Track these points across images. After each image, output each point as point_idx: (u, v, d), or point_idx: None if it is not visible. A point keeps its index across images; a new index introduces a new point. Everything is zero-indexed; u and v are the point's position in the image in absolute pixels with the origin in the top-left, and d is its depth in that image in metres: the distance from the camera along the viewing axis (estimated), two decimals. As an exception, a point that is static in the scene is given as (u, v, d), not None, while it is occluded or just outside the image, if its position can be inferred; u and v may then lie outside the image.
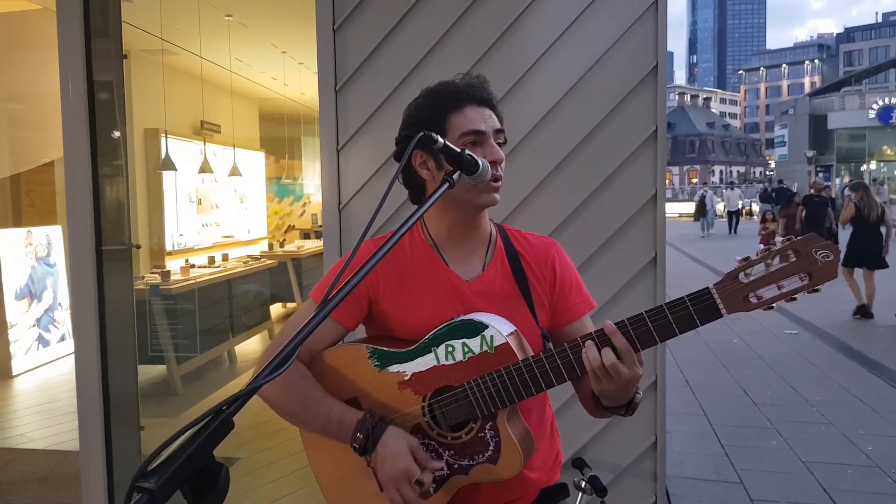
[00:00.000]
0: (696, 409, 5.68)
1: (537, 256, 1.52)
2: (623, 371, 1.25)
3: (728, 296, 1.22)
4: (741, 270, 1.22)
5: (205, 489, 0.89)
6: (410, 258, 1.48)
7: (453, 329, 1.35)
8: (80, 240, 3.11)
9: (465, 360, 1.34)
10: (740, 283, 1.22)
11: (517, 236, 1.55)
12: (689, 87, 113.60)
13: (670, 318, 1.24)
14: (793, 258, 1.19)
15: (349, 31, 2.83)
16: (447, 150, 1.30)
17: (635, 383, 1.29)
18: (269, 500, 3.81)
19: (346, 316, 1.46)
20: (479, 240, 1.50)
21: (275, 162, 11.37)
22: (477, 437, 1.35)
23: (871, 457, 4.63)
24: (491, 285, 1.46)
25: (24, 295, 6.96)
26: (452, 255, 1.48)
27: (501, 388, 1.31)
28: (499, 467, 1.33)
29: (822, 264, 1.17)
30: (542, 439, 1.51)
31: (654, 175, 2.75)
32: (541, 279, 1.50)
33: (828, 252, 1.17)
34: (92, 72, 3.11)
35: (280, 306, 9.36)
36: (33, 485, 4.09)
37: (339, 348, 1.46)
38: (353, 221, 2.88)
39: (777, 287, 1.21)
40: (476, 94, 1.45)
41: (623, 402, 1.35)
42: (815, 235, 1.19)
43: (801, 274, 1.18)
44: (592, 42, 2.75)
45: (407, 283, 1.46)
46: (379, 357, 1.40)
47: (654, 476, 2.83)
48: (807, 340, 8.25)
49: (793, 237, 1.20)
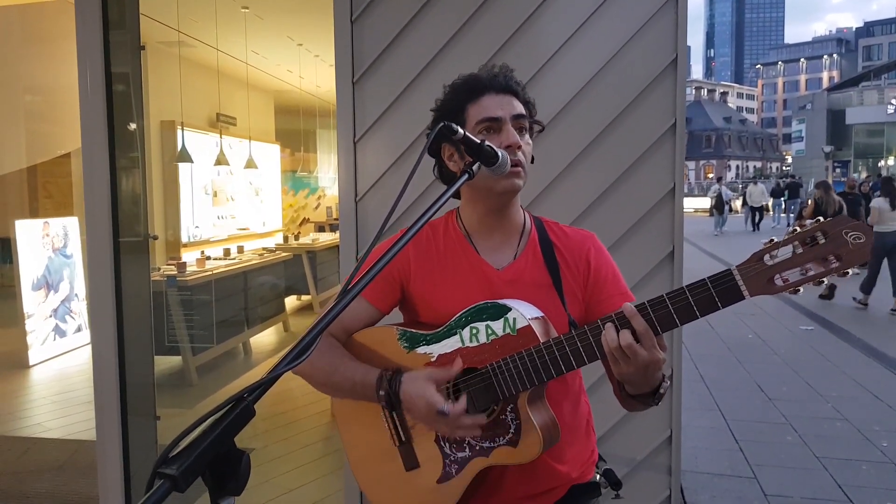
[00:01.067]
0: (710, 404, 5.66)
1: (572, 248, 1.51)
2: (641, 353, 1.22)
3: (751, 277, 1.18)
4: (766, 252, 1.18)
5: (226, 476, 0.90)
6: (444, 247, 1.52)
7: (478, 312, 1.36)
8: (98, 231, 3.13)
9: (488, 343, 1.35)
10: (765, 265, 1.17)
11: (553, 227, 1.55)
12: (706, 81, 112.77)
13: (691, 300, 1.21)
14: (822, 240, 1.14)
15: (367, 23, 2.83)
16: (467, 140, 1.30)
17: (656, 368, 1.26)
18: (283, 490, 3.84)
19: (378, 298, 1.51)
20: (511, 229, 1.51)
21: (290, 155, 11.40)
22: (499, 418, 1.36)
23: (886, 453, 4.60)
24: (521, 274, 1.46)
25: (41, 285, 7.03)
26: (484, 244, 1.50)
27: (522, 370, 1.31)
28: (519, 450, 1.33)
29: (853, 246, 1.12)
30: (576, 433, 1.51)
31: (673, 169, 2.73)
32: (574, 270, 1.49)
33: (859, 233, 1.12)
34: (110, 64, 3.12)
35: (295, 299, 9.40)
36: (50, 474, 4.14)
37: (370, 329, 1.52)
38: (369, 214, 2.88)
39: (804, 270, 1.16)
40: (495, 83, 1.46)
41: (647, 389, 1.32)
42: (846, 216, 1.14)
43: (831, 256, 1.13)
44: (612, 34, 2.73)
45: (438, 271, 1.50)
46: (408, 338, 1.44)
47: (668, 470, 2.82)
48: (822, 336, 8.19)
49: (821, 219, 1.15)
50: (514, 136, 1.42)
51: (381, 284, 1.50)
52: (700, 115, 74.89)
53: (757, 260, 1.18)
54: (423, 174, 2.68)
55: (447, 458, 1.41)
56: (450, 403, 1.32)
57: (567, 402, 1.49)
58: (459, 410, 1.31)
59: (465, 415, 1.32)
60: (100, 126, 3.09)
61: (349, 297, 1.04)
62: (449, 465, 1.41)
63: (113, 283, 3.16)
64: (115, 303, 3.16)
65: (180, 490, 0.83)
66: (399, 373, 1.39)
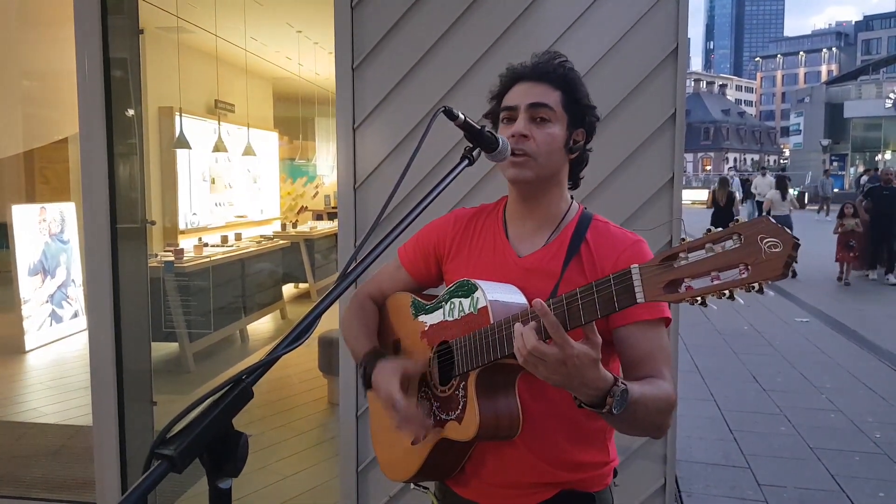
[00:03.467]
0: (705, 394, 5.69)
1: (605, 247, 1.43)
2: (550, 352, 1.12)
3: (651, 279, 1.04)
4: (678, 252, 1.01)
5: (224, 457, 0.90)
6: (481, 228, 1.55)
7: (457, 288, 1.39)
8: (95, 217, 3.12)
9: (459, 319, 1.38)
10: (670, 268, 1.02)
11: (598, 225, 1.48)
12: (705, 73, 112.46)
13: (595, 297, 1.11)
14: (736, 244, 0.95)
15: (367, 9, 2.81)
16: (467, 126, 1.30)
17: (578, 365, 1.12)
18: (280, 476, 3.85)
19: (413, 268, 1.61)
20: (545, 218, 1.48)
21: (288, 142, 11.36)
22: (454, 393, 1.38)
23: (879, 444, 4.63)
24: (540, 263, 1.43)
25: (38, 271, 7.02)
26: (517, 231, 1.51)
27: (471, 349, 1.32)
28: (461, 427, 1.34)
29: (766, 255, 0.92)
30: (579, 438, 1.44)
31: (672, 159, 2.73)
32: (596, 268, 1.40)
33: (777, 241, 0.91)
34: (108, 49, 3.10)
35: (292, 286, 9.40)
36: (46, 458, 4.15)
37: (396, 294, 1.61)
38: (368, 201, 2.87)
39: (712, 278, 0.97)
40: (529, 72, 1.46)
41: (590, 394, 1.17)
42: (769, 219, 0.94)
43: (741, 265, 0.94)
44: (613, 23, 2.72)
45: (467, 251, 1.54)
46: (415, 306, 1.52)
47: (663, 459, 2.84)
48: (818, 328, 8.22)
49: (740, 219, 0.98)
50: (519, 125, 1.41)
51: (417, 255, 1.60)
52: (699, 107, 74.74)
53: (663, 260, 1.04)
54: (422, 161, 2.69)
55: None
56: (402, 398, 1.35)
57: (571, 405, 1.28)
58: (407, 409, 1.35)
59: (414, 414, 1.37)
60: (98, 111, 3.08)
61: (346, 282, 1.04)
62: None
63: (110, 270, 3.15)
64: (113, 289, 3.16)
65: (178, 471, 0.83)
66: (376, 358, 1.45)
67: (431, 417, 1.42)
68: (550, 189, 1.47)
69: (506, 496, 1.45)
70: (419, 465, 1.44)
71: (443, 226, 1.59)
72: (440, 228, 1.59)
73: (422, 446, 1.43)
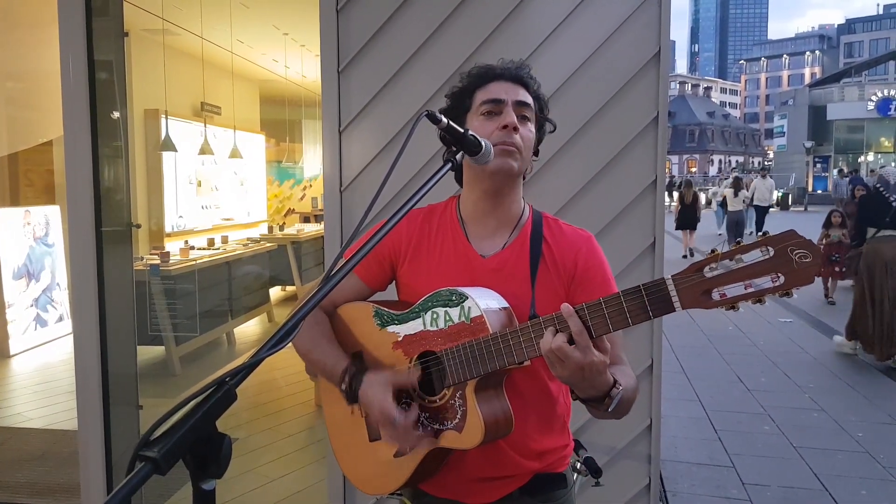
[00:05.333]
0: (690, 394, 5.72)
1: (563, 245, 1.49)
2: (574, 355, 1.20)
3: (685, 288, 1.13)
4: (707, 263, 1.11)
5: (207, 459, 0.90)
6: (437, 229, 1.53)
7: (439, 297, 1.39)
8: (80, 220, 3.11)
9: (446, 328, 1.38)
10: (702, 277, 1.11)
11: (551, 223, 1.53)
12: (690, 76, 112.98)
13: (624, 306, 1.19)
14: (767, 255, 1.07)
15: (353, 12, 2.82)
16: (450, 129, 1.31)
17: (595, 371, 1.23)
18: (266, 479, 3.84)
19: (367, 274, 1.56)
20: (505, 218, 1.51)
21: (275, 145, 11.33)
22: (448, 403, 1.38)
23: (861, 442, 4.68)
24: (504, 264, 1.46)
25: (22, 275, 6.96)
26: (476, 231, 1.51)
27: (470, 358, 1.33)
28: (463, 435, 1.35)
29: (798, 266, 1.04)
30: (547, 429, 1.51)
31: (655, 161, 2.76)
32: (559, 268, 1.47)
33: (806, 252, 1.04)
34: (93, 51, 3.09)
35: (280, 289, 9.37)
36: (31, 463, 4.11)
37: (350, 305, 1.56)
38: (354, 203, 2.88)
39: (745, 286, 1.08)
40: (505, 72, 1.49)
41: (593, 393, 1.28)
42: (795, 232, 1.06)
43: (774, 274, 1.06)
44: (595, 27, 2.75)
45: (425, 254, 1.52)
46: (380, 317, 1.48)
47: (648, 459, 2.86)
48: (800, 329, 8.29)
49: (768, 232, 1.09)
50: (512, 117, 1.43)
51: (371, 262, 1.54)
52: (684, 109, 75.16)
53: (695, 270, 1.13)
54: (407, 164, 2.71)
55: None
56: (401, 414, 1.36)
57: (538, 397, 1.49)
58: (405, 424, 1.36)
59: (410, 428, 1.37)
60: (82, 114, 3.07)
61: (329, 284, 1.05)
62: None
63: (95, 273, 3.14)
64: (98, 292, 3.15)
65: (161, 473, 0.83)
66: (362, 372, 1.43)
67: (419, 428, 1.41)
68: (517, 187, 1.52)
69: (482, 489, 1.48)
70: (408, 475, 1.43)
71: (396, 228, 1.57)
72: (394, 230, 1.56)
73: (411, 457, 1.42)
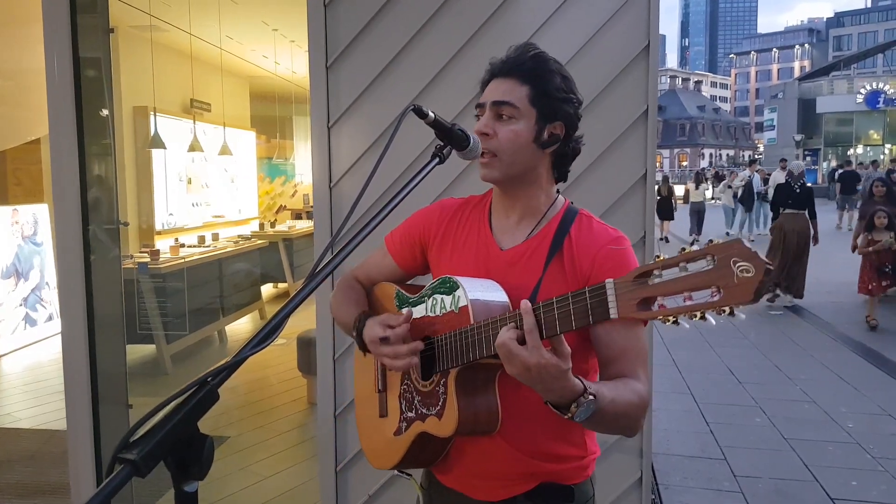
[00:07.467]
0: (682, 387, 5.74)
1: (586, 244, 1.42)
2: (520, 354, 1.14)
3: (625, 294, 1.06)
4: (653, 269, 1.02)
5: (189, 461, 0.89)
6: (466, 218, 1.55)
7: (440, 285, 1.40)
8: (67, 218, 3.08)
9: (440, 316, 1.39)
10: (645, 285, 1.03)
11: (583, 220, 1.47)
12: (680, 70, 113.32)
13: (571, 309, 1.13)
14: (711, 265, 0.95)
15: (341, 7, 2.80)
16: (437, 124, 1.30)
17: (543, 373, 1.14)
18: (258, 477, 3.83)
19: (398, 254, 1.62)
20: (527, 212, 1.48)
21: (266, 141, 11.27)
22: (434, 389, 1.40)
23: (852, 433, 4.71)
24: (520, 257, 1.43)
25: (11, 274, 6.92)
26: (501, 223, 1.51)
27: (453, 347, 1.33)
28: (441, 423, 1.36)
29: (737, 280, 0.92)
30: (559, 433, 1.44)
31: (645, 155, 2.75)
32: (576, 266, 1.40)
33: (749, 266, 0.91)
34: (78, 48, 3.06)
35: (271, 286, 9.34)
36: (21, 463, 4.09)
37: (382, 284, 1.64)
38: (343, 199, 2.86)
39: (685, 298, 0.98)
40: (498, 68, 1.46)
41: (552, 398, 1.18)
42: (741, 242, 0.93)
43: (714, 288, 0.94)
44: (585, 20, 2.73)
45: (451, 241, 1.54)
46: (398, 298, 1.54)
47: (640, 452, 2.86)
48: (791, 321, 8.33)
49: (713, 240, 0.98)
50: (481, 123, 1.41)
51: (404, 245, 1.61)
52: (674, 103, 75.38)
53: (638, 276, 1.04)
54: (397, 159, 2.69)
55: (402, 415, 1.49)
56: (393, 318, 1.41)
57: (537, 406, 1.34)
58: (400, 332, 1.39)
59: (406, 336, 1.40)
60: (68, 112, 3.03)
61: (314, 282, 1.04)
62: (402, 421, 1.49)
63: (83, 271, 3.11)
64: (86, 291, 3.12)
65: (141, 475, 0.81)
66: (364, 317, 1.49)
67: (413, 411, 1.44)
68: (527, 185, 1.46)
69: (486, 487, 1.46)
70: (401, 455, 1.48)
71: (429, 214, 1.60)
72: (427, 217, 1.60)
73: (403, 438, 1.46)
